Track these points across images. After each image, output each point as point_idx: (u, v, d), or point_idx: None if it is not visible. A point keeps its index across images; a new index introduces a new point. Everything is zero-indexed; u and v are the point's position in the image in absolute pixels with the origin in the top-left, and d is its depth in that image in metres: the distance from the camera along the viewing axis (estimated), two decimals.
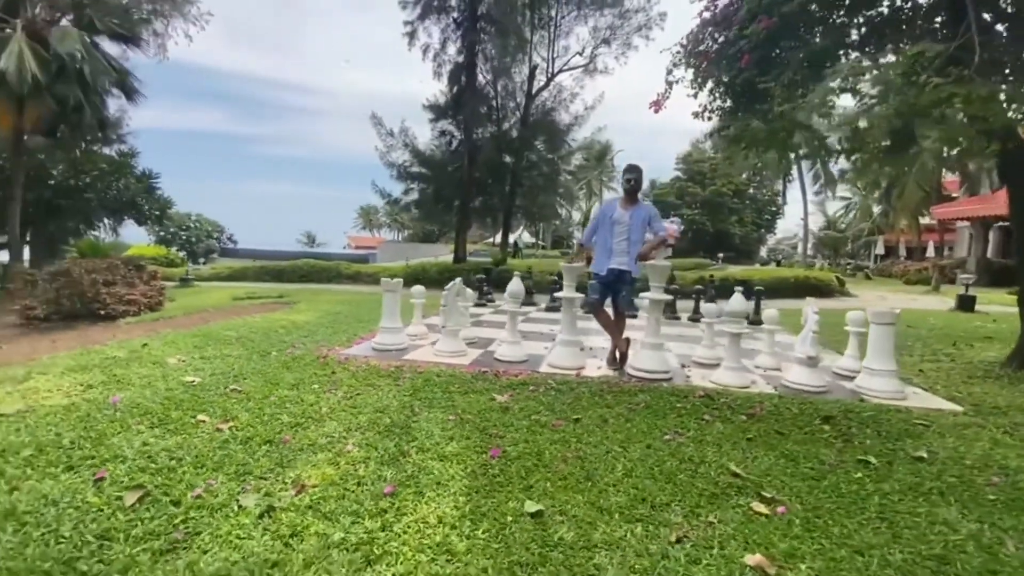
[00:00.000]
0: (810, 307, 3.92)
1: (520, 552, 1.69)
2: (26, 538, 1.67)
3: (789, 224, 52.18)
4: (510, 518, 1.89)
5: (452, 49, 13.44)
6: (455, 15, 13.21)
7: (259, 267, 17.62)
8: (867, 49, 5.73)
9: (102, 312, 7.64)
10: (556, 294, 4.46)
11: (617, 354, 4.27)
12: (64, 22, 10.33)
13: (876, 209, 33.44)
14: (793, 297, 12.38)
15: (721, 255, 26.98)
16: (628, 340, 4.29)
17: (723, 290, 8.99)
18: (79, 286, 7.59)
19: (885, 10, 5.75)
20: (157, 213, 13.88)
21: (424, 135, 14.45)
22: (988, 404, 3.59)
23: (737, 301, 3.90)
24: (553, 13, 15.00)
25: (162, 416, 2.84)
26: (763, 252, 46.50)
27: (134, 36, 10.88)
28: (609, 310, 4.35)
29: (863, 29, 5.85)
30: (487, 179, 14.46)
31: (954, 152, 5.21)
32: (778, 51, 5.75)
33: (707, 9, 6.33)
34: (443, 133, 14.01)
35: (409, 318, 5.48)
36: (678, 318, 7.64)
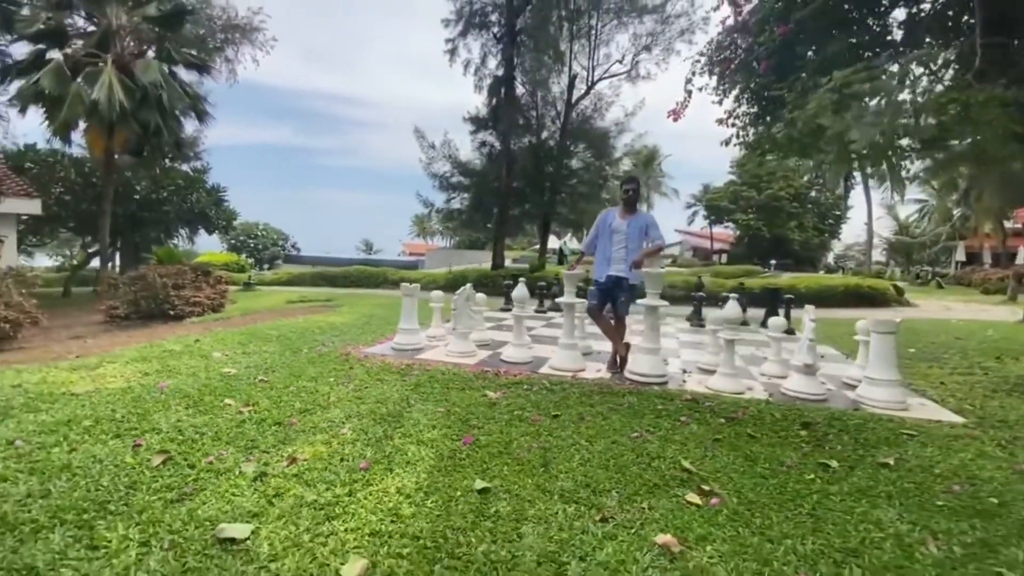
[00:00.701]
0: (807, 315, 3.91)
1: (457, 519, 1.95)
2: (74, 485, 2.12)
3: (858, 229, 48.87)
4: (459, 493, 2.16)
5: (492, 63, 13.97)
6: (495, 30, 13.69)
7: (316, 273, 18.84)
8: (901, 49, 5.56)
9: (171, 312, 8.59)
10: (558, 299, 4.66)
11: (617, 358, 4.43)
12: (149, 54, 11.65)
13: (955, 212, 30.92)
14: (840, 307, 11.83)
15: (773, 262, 25.90)
16: (628, 345, 4.44)
17: (761, 299, 8.78)
18: (153, 289, 8.57)
19: (928, 6, 5.56)
20: (224, 223, 15.24)
21: (465, 146, 15.03)
22: (996, 418, 3.46)
23: (731, 308, 3.97)
24: (593, 22, 15.17)
25: (197, 399, 3.32)
26: (830, 259, 43.87)
27: (206, 65, 12.14)
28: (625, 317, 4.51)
29: (895, 30, 5.68)
30: (525, 188, 14.78)
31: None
32: (796, 57, 5.71)
33: (734, 14, 6.37)
34: (483, 144, 14.51)
35: (432, 321, 5.85)
36: (702, 325, 7.58)
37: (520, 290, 4.69)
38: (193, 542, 1.75)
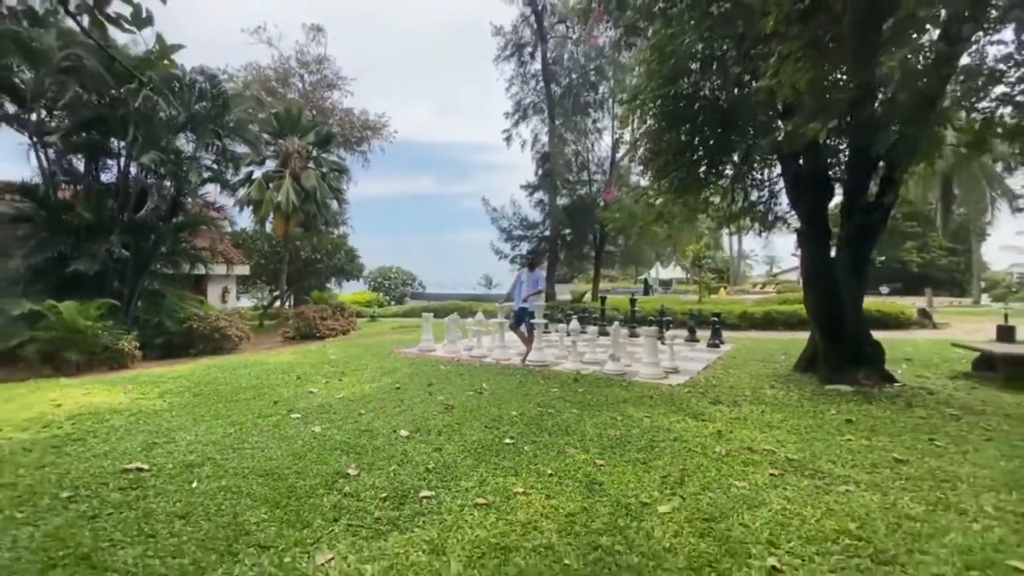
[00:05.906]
0: (614, 328, 6.85)
1: (380, 394, 5.61)
2: (261, 382, 6.22)
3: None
4: (387, 390, 5.82)
5: (542, 139, 17.79)
6: (543, 115, 17.58)
7: (424, 307, 23.96)
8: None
9: (317, 335, 13.56)
10: (493, 320, 8.11)
11: (526, 354, 7.71)
12: (309, 166, 17.62)
13: None
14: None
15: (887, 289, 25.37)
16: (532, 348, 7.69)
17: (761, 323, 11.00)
18: (307, 320, 13.65)
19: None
20: (355, 274, 21.05)
21: (526, 204, 18.96)
22: (708, 384, 6.12)
23: (573, 324, 7.07)
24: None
25: (313, 364, 7.46)
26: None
27: (344, 168, 17.96)
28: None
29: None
30: (572, 235, 18.13)
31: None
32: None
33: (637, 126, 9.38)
34: (539, 203, 18.27)
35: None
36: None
37: (477, 317, 8.25)
38: (300, 394, 5.68)
